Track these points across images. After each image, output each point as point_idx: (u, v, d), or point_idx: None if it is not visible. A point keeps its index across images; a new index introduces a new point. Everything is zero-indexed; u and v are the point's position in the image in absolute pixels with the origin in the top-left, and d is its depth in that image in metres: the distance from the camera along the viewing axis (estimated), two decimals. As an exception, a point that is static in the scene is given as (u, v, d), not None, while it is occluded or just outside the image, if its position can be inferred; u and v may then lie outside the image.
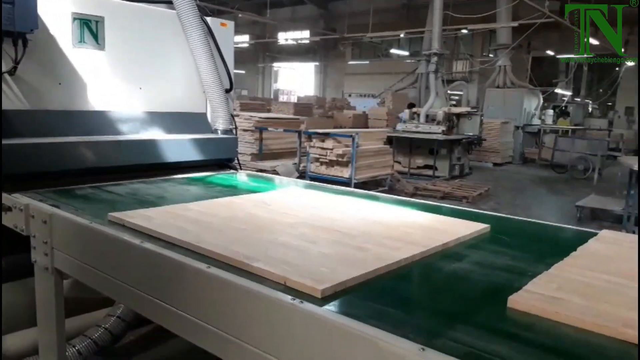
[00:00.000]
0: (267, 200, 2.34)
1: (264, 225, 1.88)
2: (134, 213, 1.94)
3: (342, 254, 1.56)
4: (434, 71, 13.12)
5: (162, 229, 1.72)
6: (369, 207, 2.36)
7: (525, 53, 20.85)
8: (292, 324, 1.30)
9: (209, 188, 2.83)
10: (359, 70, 26.75)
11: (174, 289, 1.59)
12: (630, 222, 6.61)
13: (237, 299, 1.41)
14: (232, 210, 2.10)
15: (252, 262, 1.43)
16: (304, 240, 1.70)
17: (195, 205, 2.16)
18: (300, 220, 1.97)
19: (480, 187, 9.93)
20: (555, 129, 16.80)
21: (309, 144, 9.01)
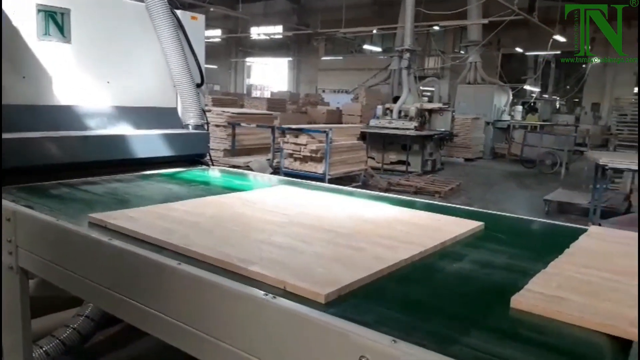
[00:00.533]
0: (253, 199, 2.30)
1: (253, 225, 1.83)
2: (116, 214, 1.87)
3: (339, 255, 1.53)
4: (407, 67, 13.23)
5: (147, 230, 1.66)
6: (356, 205, 2.33)
7: (495, 50, 21.21)
8: (265, 320, 1.30)
9: (189, 186, 2.78)
10: (333, 66, 26.77)
11: (144, 287, 1.56)
12: (596, 215, 6.81)
13: (208, 295, 1.40)
14: (219, 209, 2.05)
15: (247, 266, 1.38)
16: (297, 240, 1.66)
17: (180, 205, 2.10)
18: (290, 219, 1.93)
19: (451, 182, 10.07)
20: (524, 125, 17.16)
21: (283, 139, 8.98)
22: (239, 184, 2.99)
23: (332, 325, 1.20)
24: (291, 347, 1.26)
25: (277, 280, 1.31)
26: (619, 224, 6.22)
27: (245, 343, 1.33)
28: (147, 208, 2.02)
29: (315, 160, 8.56)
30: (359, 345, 1.14)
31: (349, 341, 1.16)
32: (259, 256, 1.47)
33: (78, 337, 2.52)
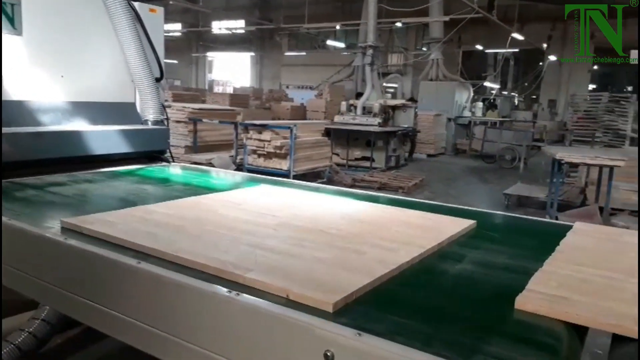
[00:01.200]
0: (234, 200, 2.23)
1: (243, 228, 1.76)
2: (91, 218, 1.77)
3: (339, 259, 1.48)
4: (370, 64, 13.32)
5: (129, 236, 1.56)
6: (345, 204, 2.29)
7: (456, 47, 21.65)
8: (229, 317, 1.28)
9: (164, 186, 2.70)
10: (296, 62, 26.69)
11: (103, 287, 1.51)
12: (553, 208, 7.03)
13: (170, 294, 1.36)
14: (202, 211, 1.97)
15: (244, 273, 1.31)
16: (292, 244, 1.61)
17: (159, 207, 2.01)
18: (280, 221, 1.87)
19: (415, 178, 10.21)
20: (484, 121, 17.58)
21: (246, 135, 8.88)
22: (214, 182, 2.94)
23: (296, 320, 1.19)
24: (256, 343, 1.24)
25: (279, 289, 1.25)
26: (576, 217, 6.45)
27: (209, 341, 1.31)
28: (124, 211, 1.92)
29: (280, 156, 8.52)
30: (324, 339, 1.14)
31: (313, 335, 1.15)
32: (254, 262, 1.41)
33: (34, 341, 2.43)
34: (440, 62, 16.96)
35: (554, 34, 22.34)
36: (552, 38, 22.34)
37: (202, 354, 1.30)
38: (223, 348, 1.28)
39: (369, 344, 1.10)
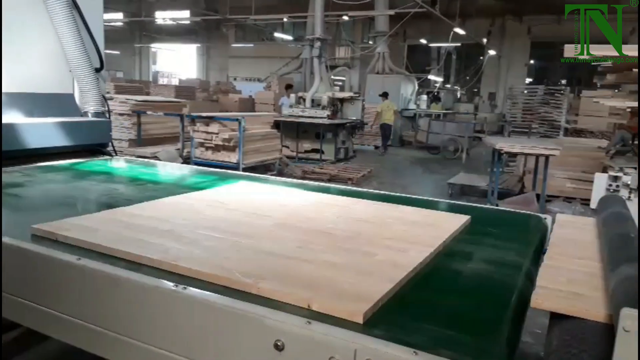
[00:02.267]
0: (220, 199, 2.13)
1: (238, 231, 1.67)
2: (65, 223, 1.63)
3: (352, 263, 1.41)
4: (318, 56, 13.34)
5: (116, 243, 1.44)
6: (331, 201, 2.25)
7: (401, 41, 22.07)
8: (177, 312, 1.25)
9: (134, 185, 2.60)
10: (244, 54, 26.33)
11: (41, 287, 1.44)
12: (494, 196, 7.34)
13: (113, 291, 1.32)
14: (187, 213, 1.86)
15: (257, 283, 1.23)
16: (297, 247, 1.54)
17: (138, 209, 1.89)
18: (275, 222, 1.80)
19: (363, 169, 10.36)
20: (429, 114, 18.03)
21: (193, 128, 8.69)
22: (186, 180, 2.87)
23: (246, 312, 1.18)
24: (205, 337, 1.23)
25: (299, 299, 1.18)
26: (515, 204, 6.76)
27: (156, 337, 1.28)
28: (101, 214, 1.79)
29: (228, 149, 8.40)
30: (274, 330, 1.14)
31: (263, 326, 1.15)
32: (262, 269, 1.33)
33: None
34: (387, 56, 17.21)
35: (493, 29, 23.22)
36: (492, 33, 23.20)
37: (149, 351, 1.27)
38: (171, 343, 1.26)
39: (319, 332, 1.11)
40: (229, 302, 1.21)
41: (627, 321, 0.83)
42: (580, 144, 9.24)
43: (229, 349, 1.20)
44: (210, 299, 1.24)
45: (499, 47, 23.39)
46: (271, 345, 1.13)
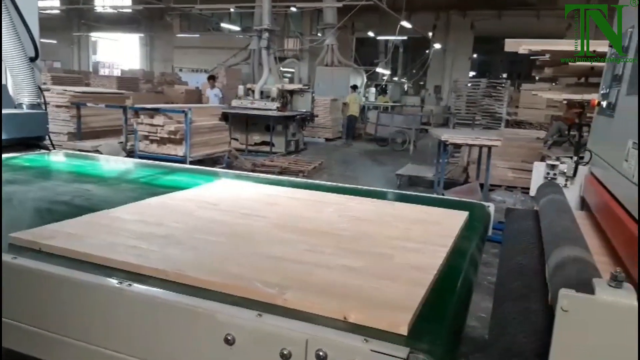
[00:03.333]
0: (207, 199, 2.04)
1: (238, 233, 1.58)
2: (47, 230, 1.50)
3: (372, 267, 1.34)
4: (266, 47, 13.22)
5: (112, 253, 1.33)
6: (322, 198, 2.19)
7: (350, 33, 22.19)
8: (122, 310, 1.21)
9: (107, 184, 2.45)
10: (190, 44, 25.70)
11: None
12: (440, 186, 7.55)
13: (53, 289, 1.25)
14: (177, 215, 1.76)
15: (281, 293, 1.15)
16: (307, 250, 1.46)
17: (123, 212, 1.77)
18: (274, 223, 1.72)
19: (314, 162, 10.39)
20: (377, 106, 18.28)
21: (136, 120, 8.40)
22: (159, 177, 2.74)
23: (194, 307, 1.15)
24: (153, 334, 1.19)
25: (333, 310, 1.10)
26: (460, 193, 6.98)
27: (102, 337, 1.23)
28: (83, 219, 1.66)
29: (175, 142, 8.18)
30: (224, 324, 1.12)
31: (213, 321, 1.13)
32: (281, 277, 1.24)
33: None
34: (335, 48, 17.29)
35: (438, 23, 23.80)
36: (437, 27, 23.78)
37: (95, 352, 1.22)
38: (118, 343, 1.21)
39: (270, 325, 1.10)
40: (177, 298, 1.18)
41: (565, 301, 0.87)
42: (520, 135, 9.65)
43: (179, 346, 1.17)
44: (157, 295, 1.21)
45: (444, 41, 24.02)
46: (221, 340, 1.11)
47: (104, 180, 2.57)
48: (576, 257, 1.22)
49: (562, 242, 1.36)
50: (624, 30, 2.11)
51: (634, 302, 0.84)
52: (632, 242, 1.35)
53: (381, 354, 1.01)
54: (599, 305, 0.85)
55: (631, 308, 0.84)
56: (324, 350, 1.04)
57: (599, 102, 2.35)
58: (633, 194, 1.54)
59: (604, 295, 0.85)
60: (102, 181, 2.53)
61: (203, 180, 2.55)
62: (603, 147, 2.23)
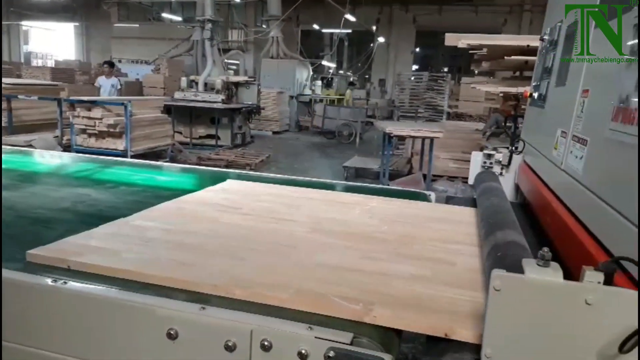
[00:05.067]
0: (226, 203, 1.95)
1: (280, 242, 1.51)
2: (69, 245, 1.37)
3: (438, 275, 1.29)
4: (209, 38, 12.92)
5: (157, 269, 1.24)
6: (344, 199, 2.15)
7: (295, 26, 22.10)
8: (58, 309, 1.16)
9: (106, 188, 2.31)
10: (129, 34, 24.76)
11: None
12: (385, 178, 7.69)
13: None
14: (203, 223, 1.67)
15: (369, 310, 1.09)
16: (359, 257, 1.41)
17: (142, 220, 1.67)
18: (311, 227, 1.66)
19: (261, 155, 10.31)
20: (324, 99, 18.36)
21: (73, 113, 8.00)
22: (154, 178, 2.65)
23: (134, 303, 1.13)
24: (93, 333, 1.16)
25: (432, 327, 1.05)
26: (404, 183, 7.15)
27: (39, 338, 1.18)
28: (102, 230, 1.55)
29: (114, 135, 7.87)
30: (166, 318, 1.10)
31: (154, 316, 1.10)
32: (354, 289, 1.19)
33: None
34: (280, 40, 17.17)
35: (382, 17, 24.16)
36: (380, 21, 24.13)
37: (32, 354, 1.17)
38: (56, 344, 1.17)
39: (213, 317, 1.09)
40: (115, 295, 1.15)
41: (497, 281, 0.91)
42: (460, 127, 9.99)
43: (119, 344, 1.14)
44: (96, 292, 1.17)
45: (388, 35, 24.41)
46: (164, 335, 1.09)
47: (100, 183, 2.44)
48: (509, 240, 1.28)
49: (496, 226, 1.42)
50: (552, 25, 2.23)
51: (560, 279, 0.89)
52: (560, 223, 1.44)
53: (326, 340, 1.02)
54: (528, 284, 0.90)
55: (557, 285, 0.89)
56: (268, 339, 1.04)
57: (531, 94, 2.47)
58: (561, 180, 1.63)
59: (532, 274, 0.90)
60: (98, 184, 2.40)
61: (193, 180, 2.50)
62: (535, 136, 2.35)
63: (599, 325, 0.87)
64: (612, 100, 1.22)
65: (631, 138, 1.08)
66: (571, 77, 1.77)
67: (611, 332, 0.86)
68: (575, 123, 1.59)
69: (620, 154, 1.15)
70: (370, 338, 1.06)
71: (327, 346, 1.01)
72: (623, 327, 0.85)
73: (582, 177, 1.41)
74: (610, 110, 1.23)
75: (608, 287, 0.87)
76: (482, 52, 6.49)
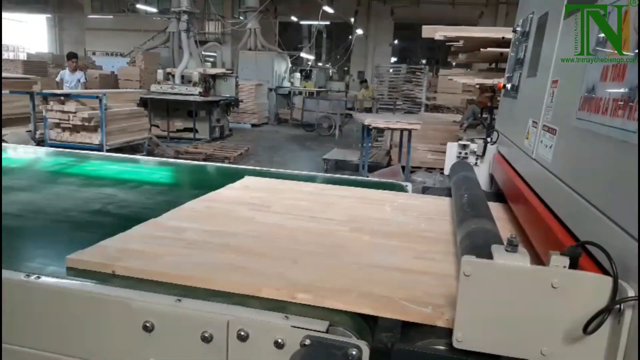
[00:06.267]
0: (254, 201, 1.92)
1: (326, 243, 1.48)
2: (108, 249, 1.33)
3: None
4: (186, 30, 12.76)
5: (220, 274, 1.21)
6: (371, 196, 2.14)
7: (272, 17, 21.92)
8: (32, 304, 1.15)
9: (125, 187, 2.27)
10: (103, 26, 24.30)
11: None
12: (365, 170, 7.73)
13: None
14: (237, 221, 1.65)
15: (441, 313, 1.08)
16: (413, 257, 1.39)
17: (174, 220, 1.64)
18: (351, 226, 1.64)
19: (240, 148, 10.25)
20: (303, 91, 18.29)
21: (46, 107, 7.83)
22: (169, 175, 2.65)
23: (108, 296, 1.12)
24: (68, 327, 1.15)
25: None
26: (383, 176, 7.20)
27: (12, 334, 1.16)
28: (136, 232, 1.50)
29: (89, 129, 7.74)
30: (142, 311, 1.09)
31: (130, 309, 1.10)
32: (422, 292, 1.17)
33: None
34: (258, 32, 17.03)
35: (360, 9, 24.14)
36: (358, 13, 24.11)
37: (5, 350, 1.16)
38: (30, 339, 1.15)
39: (189, 309, 1.10)
40: (91, 288, 1.14)
41: (467, 267, 0.93)
42: (438, 118, 10.08)
43: (94, 338, 1.14)
44: (69, 286, 1.16)
45: (366, 27, 24.42)
46: (140, 328, 1.09)
47: (122, 182, 2.41)
48: (481, 228, 1.31)
49: (469, 214, 1.45)
50: (524, 17, 2.27)
51: (527, 264, 0.92)
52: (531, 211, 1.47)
53: (302, 329, 1.03)
54: (496, 269, 0.92)
55: (525, 270, 0.92)
56: (245, 329, 1.05)
57: (504, 85, 2.51)
58: (532, 169, 1.67)
59: (501, 259, 0.93)
60: (119, 183, 2.37)
61: (207, 176, 2.54)
62: (508, 127, 2.39)
63: (565, 307, 0.90)
64: (580, 90, 1.26)
65: (597, 126, 1.11)
66: (542, 68, 1.80)
67: (576, 314, 0.89)
68: (546, 113, 1.63)
69: (586, 142, 1.19)
70: (346, 326, 1.07)
71: (304, 334, 1.02)
72: (587, 309, 0.88)
73: (551, 165, 1.44)
74: (578, 100, 1.26)
75: (572, 271, 0.90)
76: (458, 44, 6.56)
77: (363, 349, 1.00)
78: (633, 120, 0.92)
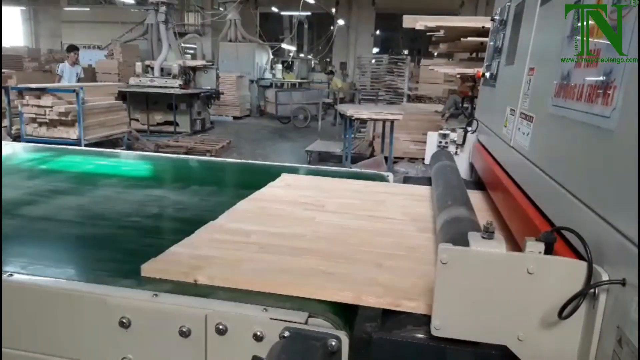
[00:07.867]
0: (304, 200, 1.90)
1: (398, 242, 1.47)
2: (179, 257, 1.30)
3: None
4: (164, 22, 12.55)
5: (296, 279, 1.18)
6: (413, 191, 2.14)
7: (253, 8, 21.71)
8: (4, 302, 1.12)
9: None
10: (79, 18, 23.81)
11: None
12: (348, 161, 7.74)
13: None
14: (299, 222, 1.63)
15: None
16: None
17: (235, 222, 1.61)
18: (417, 227, 1.63)
19: (222, 141, 10.16)
20: (284, 83, 18.18)
21: (21, 102, 7.66)
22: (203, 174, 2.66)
23: (84, 293, 1.10)
24: (42, 325, 1.12)
25: None
26: (367, 166, 7.21)
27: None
28: (198, 237, 1.47)
29: (66, 124, 7.59)
30: (118, 307, 1.08)
31: (106, 305, 1.08)
32: None
33: None
34: (238, 23, 16.85)
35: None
36: (340, 3, 24.00)
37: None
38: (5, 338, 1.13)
39: (167, 304, 1.08)
40: (66, 285, 1.12)
41: (444, 254, 0.93)
42: (420, 109, 10.11)
43: (70, 335, 1.12)
44: (44, 284, 1.13)
45: (348, 18, 24.32)
46: (116, 324, 1.07)
47: (167, 182, 2.44)
48: (459, 216, 1.32)
49: (448, 203, 1.46)
50: (502, 5, 2.27)
51: (503, 250, 0.92)
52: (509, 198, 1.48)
53: (281, 320, 1.03)
54: (473, 256, 0.93)
55: (501, 256, 0.92)
56: (223, 323, 1.04)
57: (483, 74, 2.52)
58: (510, 156, 1.68)
59: (477, 246, 0.93)
60: (167, 184, 2.39)
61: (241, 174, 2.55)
62: (487, 115, 2.40)
63: (540, 293, 0.91)
64: (555, 77, 1.26)
65: (572, 112, 1.12)
66: (519, 56, 1.81)
67: (551, 299, 0.90)
68: (523, 100, 1.64)
69: (561, 129, 1.19)
70: (326, 316, 1.07)
71: (283, 326, 1.02)
72: (562, 294, 0.89)
73: (528, 152, 1.45)
74: (554, 87, 1.27)
75: (547, 257, 0.90)
76: (439, 34, 6.57)
77: (342, 339, 1.00)
78: (606, 105, 0.93)
